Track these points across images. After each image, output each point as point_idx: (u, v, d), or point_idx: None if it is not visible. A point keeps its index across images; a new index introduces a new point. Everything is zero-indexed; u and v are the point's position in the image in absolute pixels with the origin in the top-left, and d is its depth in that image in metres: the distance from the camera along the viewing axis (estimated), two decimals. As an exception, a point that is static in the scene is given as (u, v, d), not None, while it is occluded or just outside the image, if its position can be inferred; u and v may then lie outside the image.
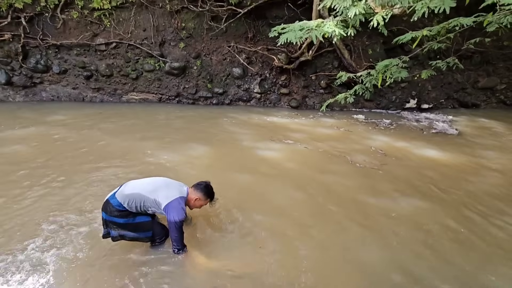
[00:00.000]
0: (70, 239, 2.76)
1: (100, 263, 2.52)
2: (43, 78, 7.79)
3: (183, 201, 2.49)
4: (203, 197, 2.59)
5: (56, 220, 3.02)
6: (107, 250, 2.65)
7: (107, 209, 2.44)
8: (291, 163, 4.70)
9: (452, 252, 2.88)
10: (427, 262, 2.74)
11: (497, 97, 9.70)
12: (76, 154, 4.63)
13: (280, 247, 2.83)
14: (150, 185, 2.51)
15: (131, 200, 2.41)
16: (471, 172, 4.66)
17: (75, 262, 2.52)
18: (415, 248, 2.91)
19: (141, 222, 2.51)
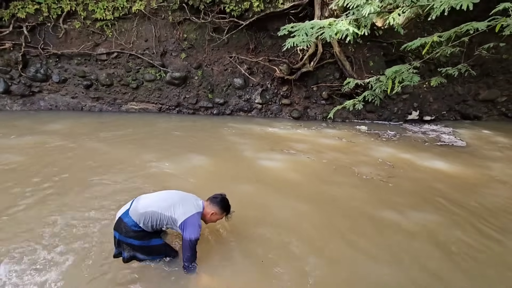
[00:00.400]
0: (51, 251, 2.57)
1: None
2: (42, 87, 7.71)
3: (199, 217, 2.39)
4: (220, 211, 2.48)
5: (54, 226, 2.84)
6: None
7: (121, 229, 2.27)
8: (294, 174, 4.54)
9: (468, 268, 2.69)
10: (441, 279, 2.55)
11: (498, 109, 9.68)
12: (73, 163, 4.46)
13: (284, 262, 2.64)
14: (165, 201, 2.37)
15: (147, 218, 2.27)
16: (481, 184, 4.52)
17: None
18: (429, 265, 2.72)
19: (155, 245, 2.39)
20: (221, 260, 2.62)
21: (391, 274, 2.59)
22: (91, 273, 2.38)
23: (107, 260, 2.50)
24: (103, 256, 2.56)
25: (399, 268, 2.67)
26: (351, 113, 8.65)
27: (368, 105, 8.57)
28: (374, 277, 2.55)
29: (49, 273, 2.36)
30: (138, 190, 3.67)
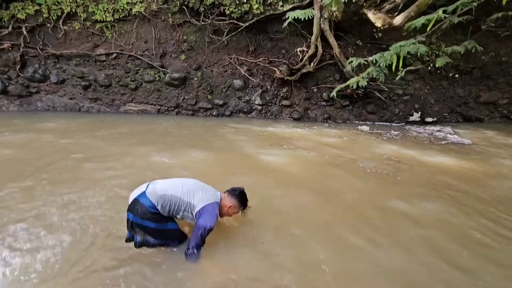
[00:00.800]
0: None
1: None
2: (40, 87, 7.63)
3: (218, 207, 2.29)
4: (238, 205, 2.37)
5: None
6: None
7: (137, 210, 2.13)
8: (295, 167, 4.37)
9: (483, 254, 2.49)
10: (454, 265, 2.35)
11: (500, 111, 9.60)
12: (67, 155, 4.29)
13: (286, 247, 2.45)
14: (184, 186, 2.28)
15: (166, 201, 2.17)
16: (488, 177, 4.35)
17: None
18: (438, 250, 2.53)
19: (172, 229, 2.28)
20: (224, 246, 2.44)
21: (397, 258, 2.40)
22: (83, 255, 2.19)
23: (103, 239, 2.31)
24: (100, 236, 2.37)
25: (407, 253, 2.48)
26: (352, 114, 8.56)
27: (369, 105, 8.51)
28: (382, 261, 2.35)
29: (45, 250, 2.18)
30: (136, 177, 3.50)
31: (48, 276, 2.03)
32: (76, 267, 2.12)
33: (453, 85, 9.39)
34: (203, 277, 2.12)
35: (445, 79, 9.30)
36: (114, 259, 2.21)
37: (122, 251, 2.29)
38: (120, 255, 2.25)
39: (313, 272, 2.22)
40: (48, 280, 1.99)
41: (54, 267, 2.11)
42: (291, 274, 2.17)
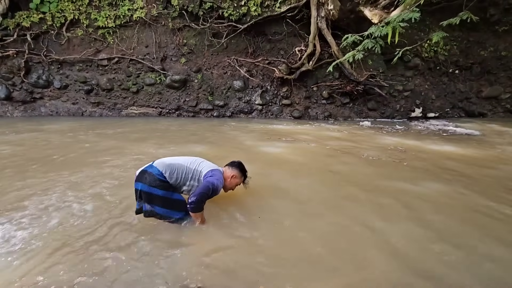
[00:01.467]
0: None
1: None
2: (44, 93, 7.76)
3: (222, 175, 2.40)
4: (239, 174, 2.51)
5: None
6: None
7: (145, 178, 2.19)
8: (297, 157, 4.32)
9: (491, 228, 2.40)
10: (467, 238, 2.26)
11: (503, 106, 9.52)
12: (70, 150, 4.30)
13: (299, 225, 2.39)
14: (190, 158, 2.46)
15: (173, 170, 2.27)
16: (494, 162, 4.25)
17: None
18: (448, 223, 2.44)
19: (177, 199, 2.29)
20: (228, 218, 2.40)
21: (407, 229, 2.30)
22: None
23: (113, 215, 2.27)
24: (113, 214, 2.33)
25: (416, 225, 2.39)
26: (353, 111, 8.54)
27: (370, 102, 8.49)
28: (388, 232, 2.26)
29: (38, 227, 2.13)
30: (135, 167, 3.48)
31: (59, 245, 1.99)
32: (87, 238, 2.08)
33: (453, 80, 9.38)
34: (197, 250, 2.06)
35: (445, 75, 9.29)
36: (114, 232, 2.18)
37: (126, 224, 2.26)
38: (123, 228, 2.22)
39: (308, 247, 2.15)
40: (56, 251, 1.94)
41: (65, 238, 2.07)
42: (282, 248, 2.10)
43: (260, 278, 1.77)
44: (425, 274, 1.84)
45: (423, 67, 8.93)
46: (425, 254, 2.05)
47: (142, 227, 2.29)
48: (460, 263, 1.95)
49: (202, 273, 1.79)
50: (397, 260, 1.97)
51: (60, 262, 1.86)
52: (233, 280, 1.75)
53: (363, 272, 1.86)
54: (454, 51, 9.33)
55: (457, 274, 1.84)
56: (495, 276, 1.83)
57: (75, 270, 1.79)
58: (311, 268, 1.88)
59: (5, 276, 1.73)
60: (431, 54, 8.97)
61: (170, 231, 2.24)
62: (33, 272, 1.76)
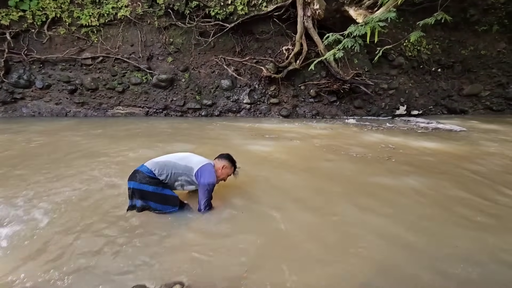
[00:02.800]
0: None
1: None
2: (25, 93, 7.54)
3: (213, 168, 2.49)
4: (229, 164, 2.59)
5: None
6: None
7: (136, 177, 2.32)
8: (284, 155, 4.36)
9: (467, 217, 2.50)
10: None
11: (483, 103, 9.87)
12: (54, 149, 4.20)
13: (283, 219, 2.41)
14: (179, 155, 2.55)
15: (162, 167, 2.36)
16: (477, 156, 4.42)
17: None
18: (427, 213, 2.53)
19: (168, 195, 2.39)
20: (214, 214, 2.39)
21: (392, 223, 2.37)
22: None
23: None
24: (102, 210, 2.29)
25: (399, 218, 2.45)
26: (340, 110, 8.67)
27: (356, 101, 8.64)
28: (375, 225, 2.32)
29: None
30: (123, 167, 3.44)
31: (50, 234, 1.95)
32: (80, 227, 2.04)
33: (436, 79, 9.65)
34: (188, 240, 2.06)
35: (428, 73, 9.56)
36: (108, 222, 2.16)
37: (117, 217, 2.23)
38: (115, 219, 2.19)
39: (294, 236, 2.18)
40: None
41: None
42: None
43: (243, 271, 1.78)
44: (406, 265, 1.90)
45: (407, 66, 9.16)
46: (407, 248, 2.11)
47: (129, 223, 2.28)
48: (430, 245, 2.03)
49: (186, 268, 1.80)
50: (379, 250, 2.03)
51: (48, 257, 1.84)
52: (217, 274, 1.76)
53: (342, 264, 1.91)
54: (437, 50, 9.60)
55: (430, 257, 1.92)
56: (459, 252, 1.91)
57: (60, 265, 1.76)
58: (295, 260, 1.91)
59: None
60: (414, 53, 9.21)
61: (159, 227, 2.24)
62: (19, 268, 1.73)
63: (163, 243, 2.05)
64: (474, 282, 1.75)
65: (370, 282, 1.73)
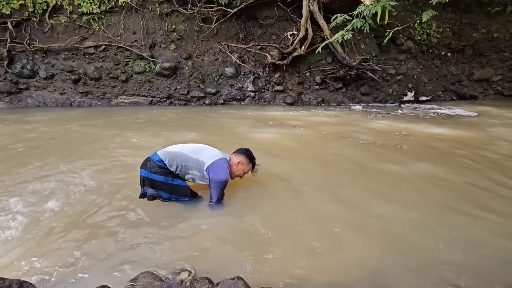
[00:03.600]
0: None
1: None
2: (29, 83, 7.54)
3: (227, 163, 2.36)
4: (246, 161, 2.45)
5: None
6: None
7: (147, 165, 2.28)
8: (290, 142, 4.32)
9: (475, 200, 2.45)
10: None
11: (494, 88, 9.60)
12: (60, 141, 4.22)
13: (289, 207, 2.39)
14: (193, 146, 2.42)
15: (173, 158, 2.28)
16: (487, 142, 4.31)
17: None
18: (436, 200, 2.48)
19: (179, 185, 2.33)
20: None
21: (397, 211, 2.33)
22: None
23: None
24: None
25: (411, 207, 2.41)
26: (346, 97, 8.52)
27: (363, 87, 8.47)
28: (383, 213, 2.29)
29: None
30: (130, 155, 3.44)
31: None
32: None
33: (445, 63, 9.38)
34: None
35: (438, 58, 9.28)
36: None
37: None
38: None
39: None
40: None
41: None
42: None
43: (245, 262, 1.78)
44: (410, 254, 1.88)
45: (415, 50, 8.89)
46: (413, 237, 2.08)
47: (138, 211, 2.29)
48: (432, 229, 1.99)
49: (194, 256, 1.80)
50: (384, 239, 2.00)
51: (59, 244, 1.85)
52: (225, 262, 1.76)
53: (351, 251, 1.89)
54: (447, 34, 9.28)
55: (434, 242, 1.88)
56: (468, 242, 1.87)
57: (66, 252, 1.78)
58: (302, 246, 1.90)
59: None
60: (423, 37, 8.91)
61: (167, 216, 2.24)
62: (30, 254, 1.75)
63: (171, 232, 2.05)
64: (487, 267, 1.71)
65: (380, 268, 1.70)
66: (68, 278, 1.58)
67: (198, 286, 1.46)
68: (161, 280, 1.50)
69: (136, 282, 1.49)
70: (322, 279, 1.60)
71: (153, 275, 1.54)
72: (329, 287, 1.55)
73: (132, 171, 2.97)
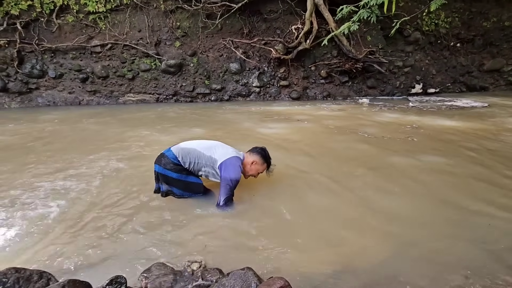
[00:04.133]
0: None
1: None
2: (39, 83, 7.68)
3: (240, 162, 2.30)
4: (260, 161, 2.37)
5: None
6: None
7: (161, 161, 2.31)
8: (299, 137, 4.33)
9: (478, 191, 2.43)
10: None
11: (505, 79, 9.37)
12: (75, 138, 4.33)
13: (296, 202, 2.42)
14: (206, 143, 2.41)
15: (186, 154, 2.29)
16: (498, 134, 4.25)
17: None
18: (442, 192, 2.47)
19: (192, 182, 2.35)
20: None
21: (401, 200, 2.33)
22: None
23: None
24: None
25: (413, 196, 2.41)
26: (352, 90, 8.44)
27: (369, 80, 8.38)
28: (386, 205, 2.30)
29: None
30: (142, 151, 3.51)
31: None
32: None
33: (454, 54, 9.19)
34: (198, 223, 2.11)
35: (446, 48, 9.10)
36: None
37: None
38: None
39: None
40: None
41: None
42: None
43: (255, 254, 1.82)
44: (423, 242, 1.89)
45: (423, 42, 8.73)
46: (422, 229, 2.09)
47: (150, 205, 2.35)
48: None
49: (205, 248, 1.85)
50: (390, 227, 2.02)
51: (76, 236, 1.93)
52: (233, 254, 1.80)
53: (356, 243, 1.91)
54: (456, 23, 9.07)
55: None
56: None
57: (77, 244, 1.85)
58: (307, 238, 1.93)
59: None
60: (431, 27, 8.74)
61: (179, 210, 2.29)
62: (52, 242, 1.83)
63: (182, 225, 2.10)
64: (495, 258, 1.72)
65: (385, 260, 1.72)
66: (84, 269, 1.65)
67: (209, 276, 1.51)
68: (173, 271, 1.55)
69: (149, 273, 1.54)
70: (331, 270, 1.63)
71: (165, 266, 1.59)
72: (337, 277, 1.58)
73: (147, 165, 3.04)
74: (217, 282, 1.41)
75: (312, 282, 1.54)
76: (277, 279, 1.26)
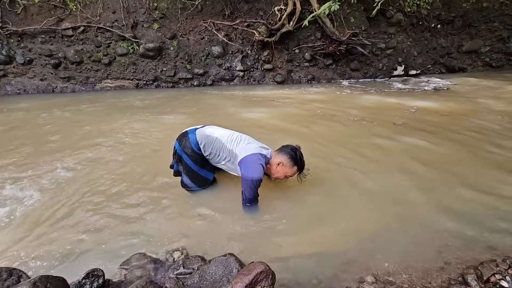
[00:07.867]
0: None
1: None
2: (7, 70, 7.17)
3: (263, 160, 1.99)
4: (289, 163, 2.03)
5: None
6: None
7: (182, 141, 2.17)
8: (283, 121, 4.29)
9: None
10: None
11: (482, 59, 9.62)
12: (53, 128, 4.10)
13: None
14: (232, 135, 2.16)
15: (209, 143, 2.12)
16: (472, 114, 4.39)
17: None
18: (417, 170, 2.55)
19: (203, 176, 2.26)
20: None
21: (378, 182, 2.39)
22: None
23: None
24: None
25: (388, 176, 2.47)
26: (336, 73, 8.43)
27: (353, 63, 8.38)
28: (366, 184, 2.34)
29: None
30: (128, 142, 3.37)
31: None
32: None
33: (435, 35, 9.29)
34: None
35: (427, 30, 9.17)
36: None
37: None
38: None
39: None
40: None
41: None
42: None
43: (237, 241, 1.81)
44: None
45: (405, 23, 8.74)
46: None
47: (134, 195, 2.28)
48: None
49: (187, 237, 1.82)
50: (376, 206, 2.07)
51: (52, 229, 1.85)
52: (217, 241, 1.79)
53: (341, 223, 1.94)
54: (437, 4, 9.11)
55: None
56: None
57: (63, 233, 1.78)
58: (296, 220, 1.95)
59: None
60: (413, 8, 8.74)
61: (160, 200, 2.23)
62: (22, 238, 1.74)
63: (164, 215, 2.06)
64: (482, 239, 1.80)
65: (364, 239, 1.77)
66: (61, 263, 1.59)
67: (190, 264, 1.49)
68: (153, 260, 1.52)
69: (128, 264, 1.51)
70: (311, 252, 1.66)
71: (145, 256, 1.56)
72: (317, 258, 1.61)
73: (128, 153, 2.93)
74: (199, 269, 1.40)
75: (293, 265, 1.56)
76: (258, 264, 1.26)
